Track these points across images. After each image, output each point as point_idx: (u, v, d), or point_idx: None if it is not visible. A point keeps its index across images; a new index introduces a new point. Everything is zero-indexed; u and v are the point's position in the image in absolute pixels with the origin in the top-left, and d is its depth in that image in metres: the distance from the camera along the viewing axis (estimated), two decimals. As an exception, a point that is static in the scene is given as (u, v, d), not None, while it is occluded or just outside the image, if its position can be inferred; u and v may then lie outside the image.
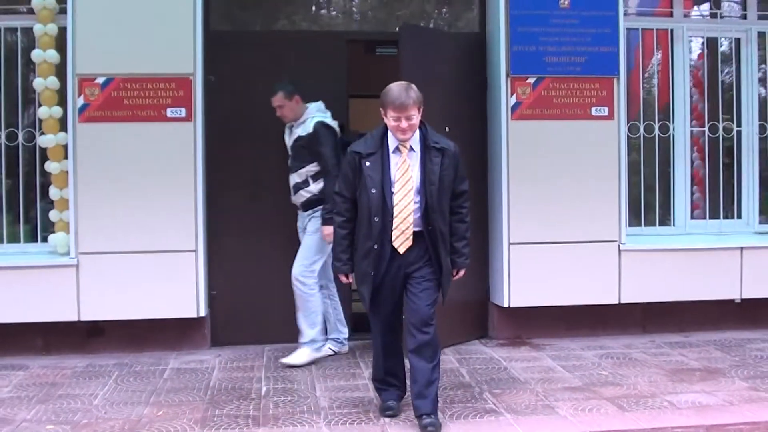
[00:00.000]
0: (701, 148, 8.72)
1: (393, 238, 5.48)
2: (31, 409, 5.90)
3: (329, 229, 6.59)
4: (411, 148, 5.52)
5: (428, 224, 5.49)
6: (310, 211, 7.28)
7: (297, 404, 5.95)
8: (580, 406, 5.84)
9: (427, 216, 5.48)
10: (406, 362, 5.71)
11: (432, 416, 5.35)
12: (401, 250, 5.49)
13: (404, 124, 5.39)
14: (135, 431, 5.37)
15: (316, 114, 7.30)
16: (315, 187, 7.21)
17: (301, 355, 7.13)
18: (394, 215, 5.46)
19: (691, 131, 8.57)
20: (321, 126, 7.18)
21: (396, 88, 5.44)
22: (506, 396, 6.07)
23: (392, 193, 5.47)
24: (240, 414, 5.74)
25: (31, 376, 6.81)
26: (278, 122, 7.65)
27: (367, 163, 5.50)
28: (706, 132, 8.57)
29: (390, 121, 5.45)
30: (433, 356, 5.49)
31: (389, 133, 5.53)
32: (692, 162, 8.73)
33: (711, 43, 8.77)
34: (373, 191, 5.46)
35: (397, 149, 5.52)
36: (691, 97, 8.64)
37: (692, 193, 8.74)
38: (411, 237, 5.47)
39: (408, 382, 5.67)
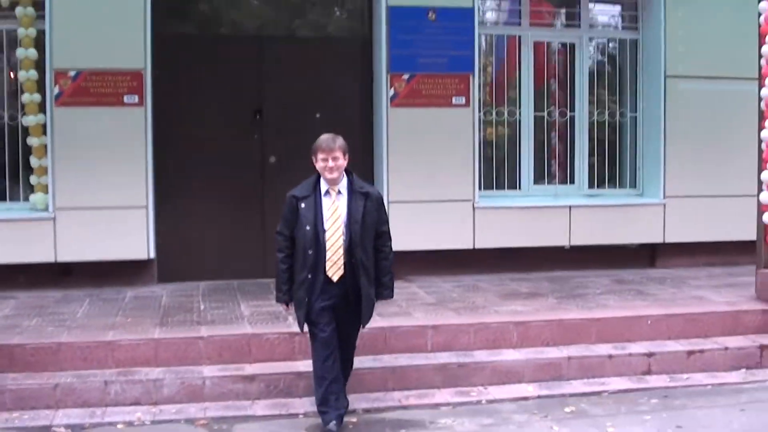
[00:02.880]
0: (561, 130, 11.13)
1: (327, 269, 6.22)
2: (32, 320, 8.03)
3: None
4: (339, 192, 6.29)
5: (351, 256, 6.22)
6: None
7: (227, 314, 8.21)
8: (429, 312, 8.20)
9: (351, 249, 6.22)
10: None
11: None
12: (335, 279, 6.24)
13: (331, 163, 6.16)
14: (114, 328, 7.58)
15: None
16: None
17: None
18: (327, 248, 6.21)
19: (534, 116, 10.94)
20: None
21: (324, 136, 6.30)
22: (378, 308, 8.27)
23: (324, 230, 6.22)
24: (186, 320, 7.97)
25: (22, 303, 8.87)
26: (212, 105, 9.98)
27: (303, 205, 6.24)
28: (545, 116, 10.96)
29: (319, 163, 6.22)
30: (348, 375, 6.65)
31: (321, 180, 6.30)
32: (550, 141, 11.09)
33: (551, 47, 11.11)
34: (308, 228, 6.20)
35: (327, 192, 6.28)
36: (535, 89, 10.99)
37: (550, 165, 11.13)
38: (342, 267, 6.23)
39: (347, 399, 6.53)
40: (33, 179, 9.71)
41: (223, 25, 10.84)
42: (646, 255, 11.09)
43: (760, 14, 8.50)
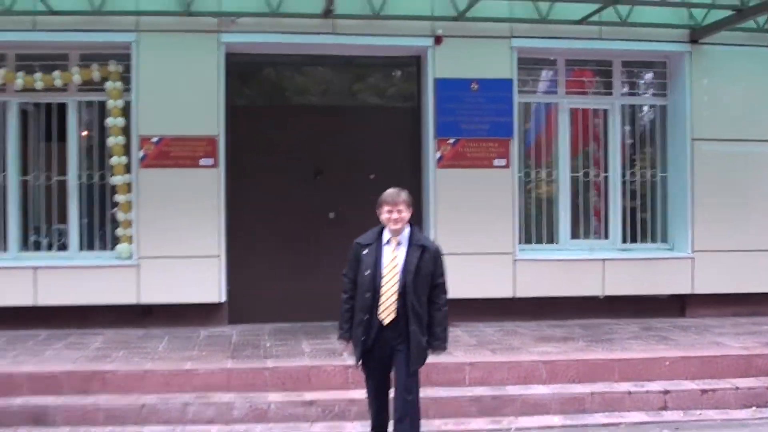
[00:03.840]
0: (599, 188, 12.11)
1: (379, 312, 6.62)
2: (119, 351, 9.23)
3: None
4: (399, 243, 6.71)
5: (404, 303, 6.60)
6: None
7: (290, 350, 9.31)
8: (469, 352, 9.20)
9: (404, 296, 6.59)
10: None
11: None
12: (385, 322, 6.62)
13: (395, 215, 6.63)
14: (191, 360, 8.73)
15: None
16: None
17: None
18: (382, 293, 6.62)
19: (570, 176, 11.95)
20: None
21: (389, 190, 6.77)
22: (424, 347, 9.39)
23: (381, 276, 6.64)
24: (254, 355, 9.09)
25: (109, 338, 10.07)
26: (278, 166, 11.19)
27: (365, 252, 6.73)
28: (580, 177, 11.97)
29: (384, 214, 6.68)
30: (413, 423, 6.72)
31: (385, 230, 6.77)
32: (585, 199, 12.09)
33: (585, 113, 12.13)
34: (367, 273, 6.65)
35: (389, 242, 6.72)
36: (572, 151, 12.01)
37: (586, 221, 12.10)
38: (394, 311, 6.61)
39: None
40: (119, 231, 10.93)
41: (288, 93, 12.06)
42: (677, 305, 11.92)
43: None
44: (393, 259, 6.68)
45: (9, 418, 7.88)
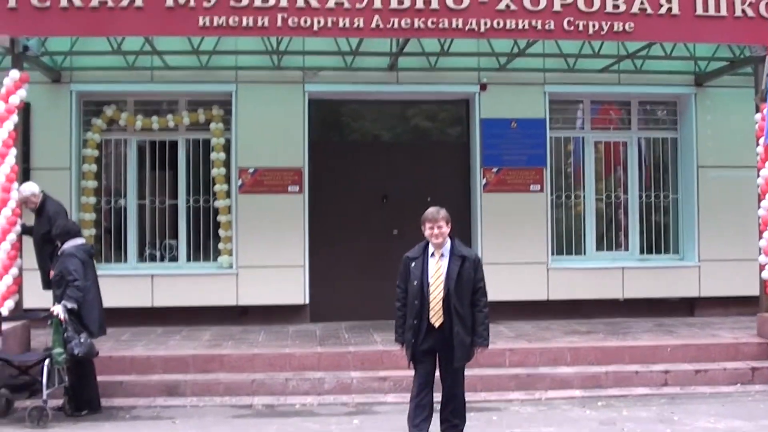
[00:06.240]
0: (620, 208, 14.25)
1: (430, 316, 7.31)
2: (227, 342, 11.49)
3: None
4: (442, 254, 7.44)
5: (449, 306, 7.29)
6: None
7: (365, 340, 11.55)
8: (509, 341, 11.35)
9: (448, 300, 7.30)
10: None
11: None
12: (436, 325, 7.34)
13: (435, 231, 7.37)
14: (287, 347, 11.00)
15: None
16: None
17: None
18: (430, 300, 7.30)
19: (595, 198, 14.12)
20: None
21: (430, 209, 7.50)
22: (472, 338, 11.54)
23: (428, 284, 7.33)
24: (337, 343, 11.34)
25: (215, 333, 12.30)
26: (352, 191, 13.47)
27: (413, 264, 7.46)
28: (604, 198, 14.14)
29: (426, 231, 7.42)
30: (458, 411, 7.66)
31: (429, 244, 7.50)
32: (608, 217, 14.24)
33: (608, 145, 14.30)
34: (415, 283, 7.37)
35: (433, 254, 7.46)
36: (596, 176, 14.18)
37: (608, 236, 14.24)
38: (442, 315, 7.31)
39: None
40: (221, 245, 13.30)
41: (359, 131, 14.34)
42: (686, 306, 13.97)
43: (756, 122, 11.47)
44: (438, 269, 7.45)
45: (148, 390, 10.15)
